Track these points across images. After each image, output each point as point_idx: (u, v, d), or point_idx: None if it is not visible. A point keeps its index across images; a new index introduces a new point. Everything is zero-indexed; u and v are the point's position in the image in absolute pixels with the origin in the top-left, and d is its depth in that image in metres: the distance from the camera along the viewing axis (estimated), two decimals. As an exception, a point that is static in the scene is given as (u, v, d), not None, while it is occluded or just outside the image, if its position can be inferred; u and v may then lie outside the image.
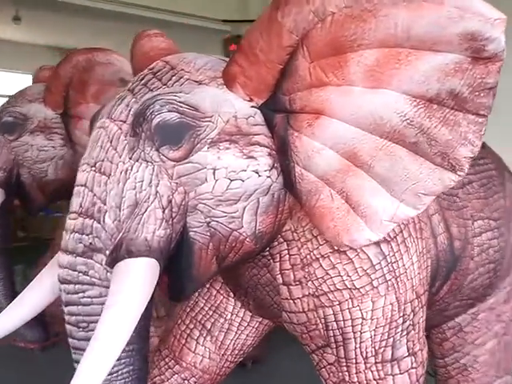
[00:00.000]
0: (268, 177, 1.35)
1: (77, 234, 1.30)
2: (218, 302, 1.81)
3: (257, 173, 1.33)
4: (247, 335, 1.84)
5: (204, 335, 1.81)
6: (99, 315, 1.29)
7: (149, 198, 1.28)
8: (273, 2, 1.27)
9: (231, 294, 1.80)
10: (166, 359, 1.84)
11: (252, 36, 1.29)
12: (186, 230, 1.33)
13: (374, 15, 1.16)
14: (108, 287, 1.28)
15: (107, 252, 1.28)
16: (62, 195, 2.82)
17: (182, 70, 1.39)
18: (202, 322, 1.82)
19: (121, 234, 1.28)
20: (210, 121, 1.31)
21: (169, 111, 1.29)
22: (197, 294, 1.81)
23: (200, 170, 1.30)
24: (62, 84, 2.57)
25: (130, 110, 1.34)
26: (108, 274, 1.29)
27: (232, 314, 1.82)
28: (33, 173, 2.68)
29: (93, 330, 1.29)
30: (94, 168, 1.32)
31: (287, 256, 1.51)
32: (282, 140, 1.34)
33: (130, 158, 1.30)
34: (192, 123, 1.30)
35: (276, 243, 1.49)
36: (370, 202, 1.27)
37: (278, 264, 1.53)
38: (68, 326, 1.33)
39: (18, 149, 2.65)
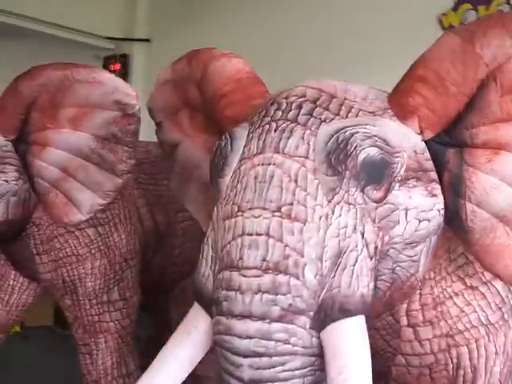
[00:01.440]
0: (442, 215, 1.27)
1: (267, 295, 1.06)
2: None
3: (438, 211, 1.24)
4: None
5: None
6: None
7: (356, 246, 1.10)
8: (462, 32, 1.21)
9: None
10: None
11: (441, 67, 1.21)
12: (375, 279, 1.18)
13: None
14: (311, 355, 1.07)
15: (311, 313, 1.07)
16: (4, 240, 2.30)
17: (346, 99, 1.23)
18: None
19: (325, 290, 1.08)
20: (399, 156, 1.18)
21: (370, 146, 1.14)
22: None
23: (394, 212, 1.17)
24: (22, 105, 2.09)
25: (308, 144, 1.15)
26: (313, 339, 1.07)
27: None
28: (-22, 214, 2.13)
29: None
30: (278, 213, 1.10)
31: (418, 296, 1.43)
32: (454, 176, 1.27)
33: (329, 201, 1.11)
34: (388, 159, 1.16)
35: None
36: None
37: (405, 305, 1.44)
38: (254, 412, 1.08)
39: None
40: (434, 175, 1.25)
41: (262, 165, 1.15)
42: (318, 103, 1.22)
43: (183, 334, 1.24)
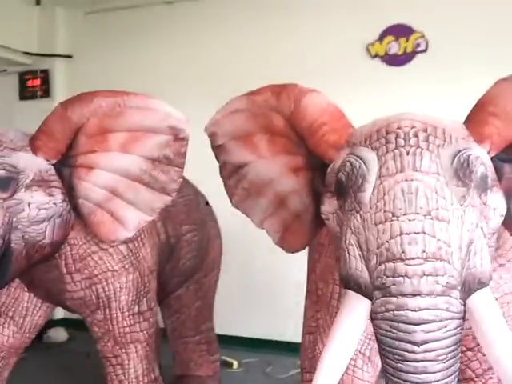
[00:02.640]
0: None
1: (430, 277, 1.44)
2: None
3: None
4: None
5: None
6: (453, 345, 1.46)
7: (479, 237, 1.52)
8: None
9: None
10: None
11: (507, 105, 1.67)
12: None
13: None
14: (460, 318, 1.47)
15: (459, 287, 1.47)
16: (42, 262, 2.33)
17: (444, 128, 1.64)
18: None
19: (465, 270, 1.48)
20: (490, 171, 1.63)
21: (480, 164, 1.56)
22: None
23: (489, 210, 1.61)
24: (71, 130, 2.18)
25: (436, 164, 1.54)
26: (461, 306, 1.47)
27: None
28: (27, 237, 2.14)
29: (450, 359, 1.45)
30: (429, 216, 1.47)
31: None
32: (508, 183, 1.75)
33: (461, 205, 1.51)
34: (488, 173, 1.60)
35: None
36: None
37: None
38: (421, 364, 1.44)
39: (13, 209, 2.10)
40: (498, 183, 1.72)
41: (406, 180, 1.52)
42: (428, 132, 1.61)
43: (351, 316, 1.55)
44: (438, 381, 1.45)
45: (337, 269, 2.02)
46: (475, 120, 1.72)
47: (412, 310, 1.43)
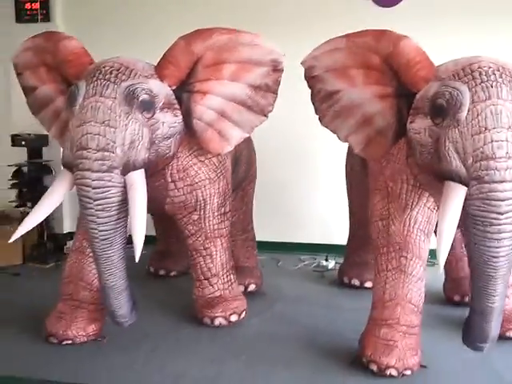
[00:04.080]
0: None
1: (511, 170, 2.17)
2: None
3: None
4: None
5: None
6: None
7: None
8: None
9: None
10: None
11: None
12: None
13: None
14: None
15: None
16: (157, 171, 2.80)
17: (509, 68, 2.31)
18: None
19: None
20: None
21: None
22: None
23: None
24: (193, 61, 2.61)
25: (511, 94, 2.24)
26: None
27: None
28: (160, 150, 2.60)
29: None
30: (510, 129, 2.18)
31: None
32: None
33: None
34: None
35: None
36: None
37: None
38: (503, 226, 2.15)
39: (153, 127, 2.54)
40: None
41: (493, 105, 2.20)
42: (500, 71, 2.26)
43: (454, 198, 2.23)
44: (511, 237, 2.22)
45: (405, 171, 2.72)
46: None
47: (500, 191, 2.17)
